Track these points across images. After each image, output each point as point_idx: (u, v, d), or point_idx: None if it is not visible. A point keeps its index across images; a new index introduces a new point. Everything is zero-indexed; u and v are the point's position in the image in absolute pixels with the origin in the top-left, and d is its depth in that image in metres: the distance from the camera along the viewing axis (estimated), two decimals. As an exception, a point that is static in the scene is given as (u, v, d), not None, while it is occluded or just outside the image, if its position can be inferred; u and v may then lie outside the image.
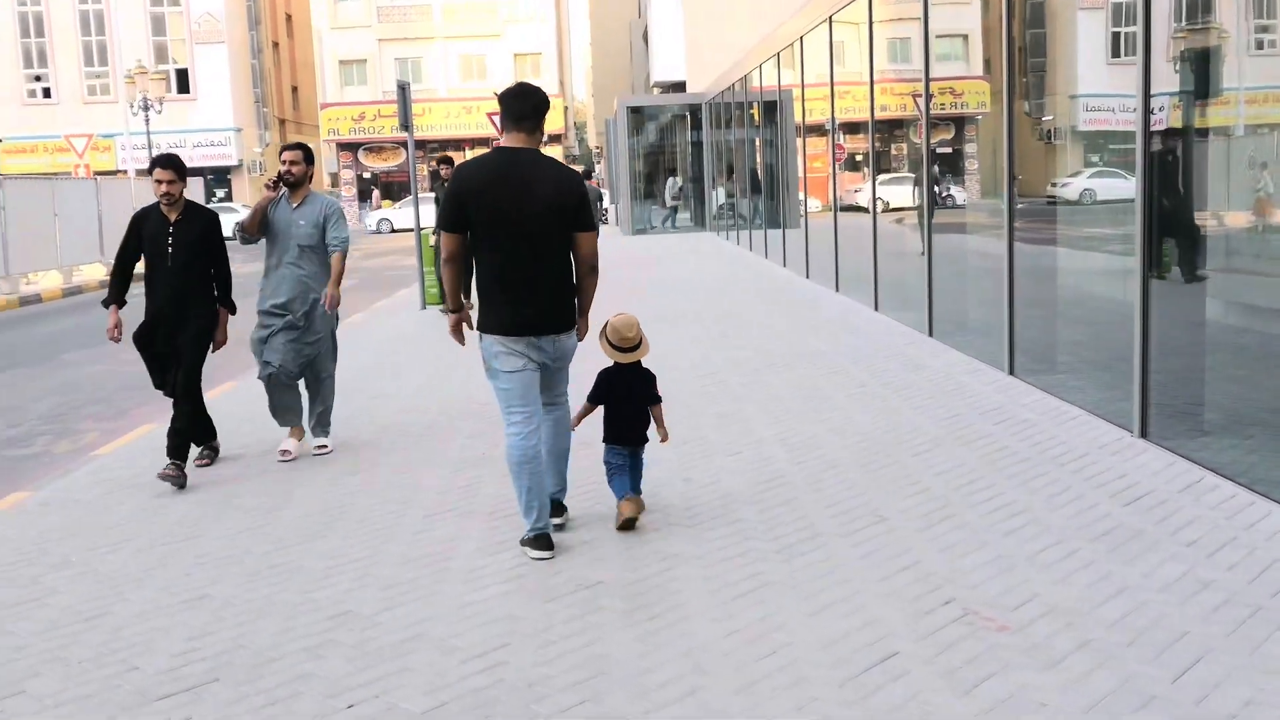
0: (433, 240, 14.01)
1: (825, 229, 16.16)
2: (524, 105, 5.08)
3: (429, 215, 16.02)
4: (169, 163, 6.89)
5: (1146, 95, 6.37)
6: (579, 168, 30.56)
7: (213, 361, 7.67)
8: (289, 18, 62.42)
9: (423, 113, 51.27)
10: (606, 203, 42.81)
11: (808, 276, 17.13)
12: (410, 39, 53.66)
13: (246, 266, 12.50)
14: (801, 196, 19.37)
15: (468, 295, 7.84)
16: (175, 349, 6.87)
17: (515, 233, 5.00)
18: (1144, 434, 6.57)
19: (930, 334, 10.73)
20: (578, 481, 6.09)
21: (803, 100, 17.59)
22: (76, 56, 51.35)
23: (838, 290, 14.97)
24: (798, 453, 6.71)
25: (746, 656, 3.93)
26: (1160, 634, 3.95)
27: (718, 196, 31.05)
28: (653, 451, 6.75)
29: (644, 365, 5.62)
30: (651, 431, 5.61)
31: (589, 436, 6.15)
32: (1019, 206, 8.68)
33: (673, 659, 3.94)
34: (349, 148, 54.41)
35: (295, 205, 7.28)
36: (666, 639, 4.11)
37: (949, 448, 6.66)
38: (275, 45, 59.65)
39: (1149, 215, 6.50)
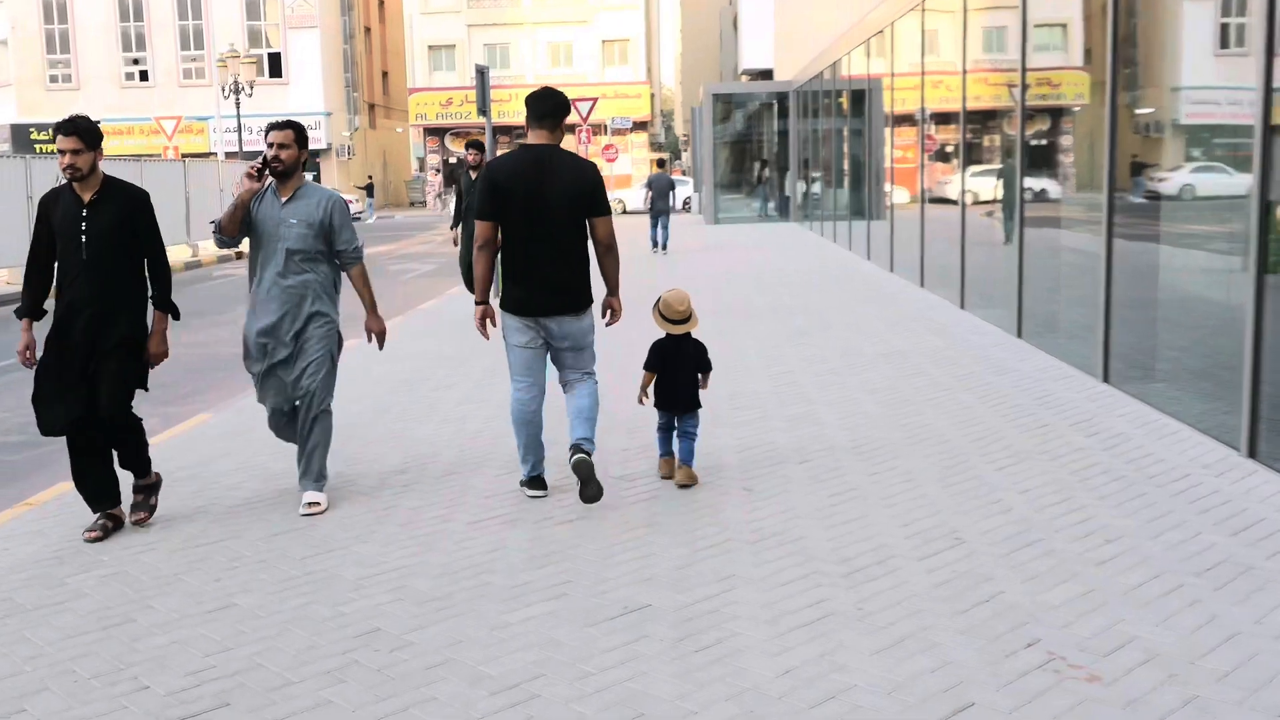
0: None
1: (911, 222, 15.59)
2: (545, 105, 5.68)
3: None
4: (72, 127, 5.26)
5: (1268, 87, 5.80)
6: (663, 155, 30.15)
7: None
8: (381, 3, 62.84)
9: (509, 99, 51.25)
10: (690, 190, 42.39)
11: (891, 270, 16.58)
12: (499, 24, 53.66)
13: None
14: (888, 188, 18.78)
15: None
16: (93, 369, 5.34)
17: (537, 221, 5.57)
18: (1252, 453, 6.02)
19: (1019, 335, 10.19)
20: (641, 483, 5.72)
21: (892, 89, 17.01)
22: (173, 40, 52.18)
23: (922, 285, 14.42)
24: (871, 462, 6.27)
25: (802, 700, 3.53)
26: (1276, 692, 3.47)
27: (803, 186, 30.46)
28: (719, 456, 6.38)
29: (694, 336, 6.08)
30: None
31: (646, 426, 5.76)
32: (1100, 200, 8.13)
33: (720, 700, 3.55)
34: (436, 133, 54.64)
35: (285, 200, 5.74)
36: (716, 674, 3.73)
37: (1036, 462, 6.17)
38: (367, 30, 60.11)
39: (1264, 213, 5.94)
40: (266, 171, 5.67)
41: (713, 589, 4.49)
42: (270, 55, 52.16)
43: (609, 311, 5.91)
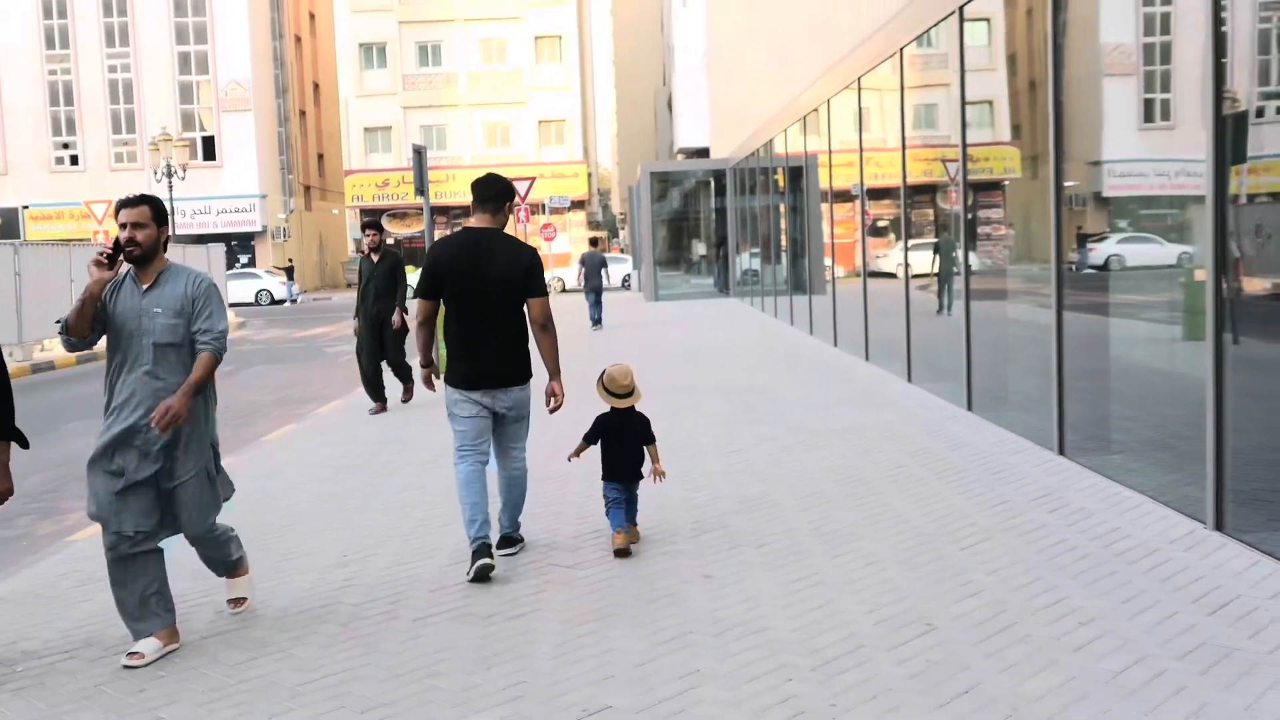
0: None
1: (853, 296, 15.58)
2: (487, 191, 5.98)
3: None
4: None
5: (1220, 159, 5.78)
6: (601, 234, 30.15)
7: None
8: (316, 86, 62.91)
9: (446, 179, 51.33)
10: (629, 267, 42.48)
11: (835, 344, 16.54)
12: (435, 106, 53.90)
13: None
14: (828, 262, 18.84)
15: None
16: None
17: (475, 299, 5.85)
18: (1219, 526, 5.90)
19: (969, 408, 10.10)
20: (595, 569, 5.45)
21: (830, 165, 17.11)
22: (105, 124, 51.76)
23: (867, 359, 14.36)
24: (833, 544, 6.07)
25: (781, 812, 3.27)
26: (1280, 788, 3.27)
27: (741, 262, 30.58)
28: (675, 542, 6.16)
29: (638, 410, 6.35)
30: (647, 469, 6.23)
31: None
32: (1036, 271, 8.10)
33: (693, 814, 3.28)
34: (372, 214, 54.41)
35: (146, 287, 4.90)
36: (686, 785, 3.46)
37: (1000, 540, 6.00)
38: (302, 114, 60.07)
39: (1219, 282, 5.88)
40: (120, 256, 4.77)
41: (676, 687, 4.23)
42: (204, 138, 51.91)
43: (551, 398, 6.10)
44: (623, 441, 6.21)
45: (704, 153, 43.32)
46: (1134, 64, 8.98)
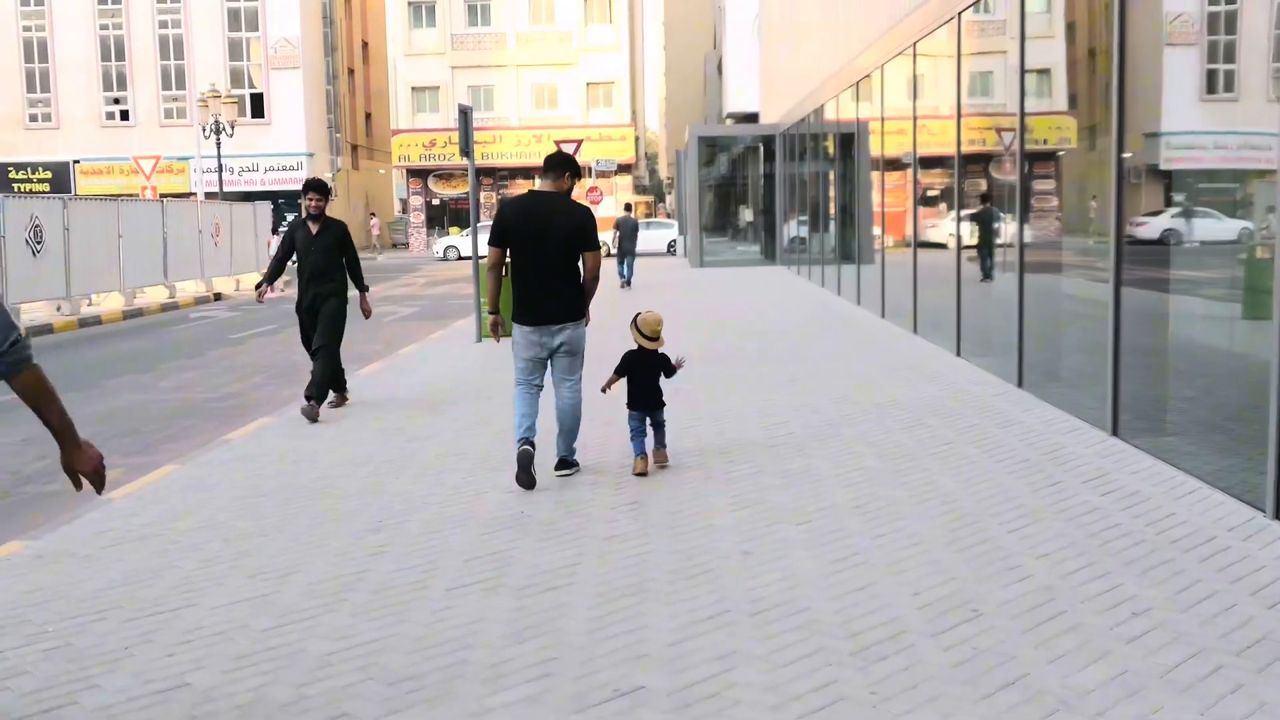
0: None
1: (902, 266, 15.34)
2: (551, 161, 7.16)
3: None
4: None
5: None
6: (647, 198, 29.95)
7: None
8: (365, 45, 62.87)
9: (493, 140, 51.26)
10: (674, 233, 42.23)
11: (883, 315, 16.31)
12: (483, 66, 53.67)
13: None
14: (877, 231, 18.57)
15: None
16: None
17: (534, 251, 6.93)
18: (1280, 514, 5.69)
19: (1019, 384, 9.88)
20: (633, 543, 5.35)
21: (881, 133, 16.82)
22: (155, 80, 51.98)
23: (915, 332, 14.14)
24: (877, 522, 5.92)
25: (817, 805, 3.16)
26: (1345, 798, 3.12)
27: (789, 229, 30.30)
28: (713, 515, 6.06)
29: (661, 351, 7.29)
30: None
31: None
32: (1090, 245, 7.87)
33: (725, 805, 3.17)
34: (419, 174, 54.49)
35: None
36: (718, 772, 3.35)
37: (1050, 523, 5.83)
38: (350, 72, 60.08)
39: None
40: None
41: (712, 668, 4.12)
42: (252, 95, 51.99)
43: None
44: (646, 375, 7.26)
45: (753, 118, 42.89)
46: (1197, 33, 8.69)
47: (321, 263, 9.88)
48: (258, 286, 10.52)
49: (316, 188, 9.85)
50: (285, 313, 23.22)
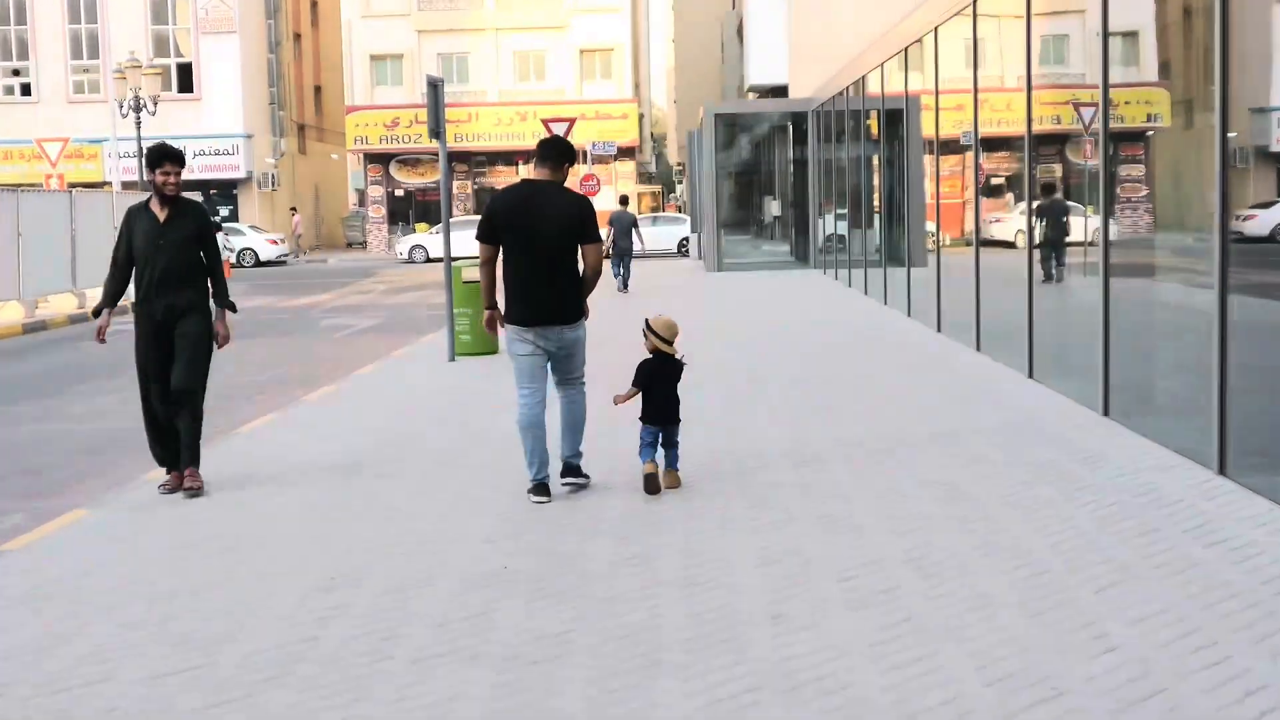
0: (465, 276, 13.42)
1: (960, 269, 15.36)
2: (547, 148, 7.89)
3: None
4: None
5: None
6: (655, 188, 30.06)
7: None
8: (314, 5, 63.25)
9: (468, 118, 51.50)
10: (687, 230, 42.39)
11: (938, 329, 16.33)
12: (456, 30, 53.97)
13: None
14: (931, 227, 18.61)
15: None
16: None
17: (528, 246, 7.65)
18: None
19: (1105, 412, 9.88)
20: (636, 603, 5.34)
21: (935, 108, 16.87)
22: (62, 48, 52.26)
23: (978, 348, 14.15)
24: (933, 580, 5.91)
25: None
26: None
27: (824, 225, 30.38)
28: (736, 572, 6.05)
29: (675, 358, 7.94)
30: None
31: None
32: (1189, 243, 7.89)
33: None
34: (379, 160, 54.71)
35: None
36: None
37: (1145, 582, 5.81)
38: (297, 37, 60.42)
39: None
40: None
41: (736, 757, 4.10)
42: (179, 66, 52.32)
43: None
44: (664, 385, 7.88)
45: (781, 91, 43.07)
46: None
47: (175, 262, 8.33)
48: (95, 314, 8.68)
49: (172, 157, 8.29)
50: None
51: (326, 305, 28.29)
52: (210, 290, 8.55)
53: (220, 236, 33.75)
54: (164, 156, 8.28)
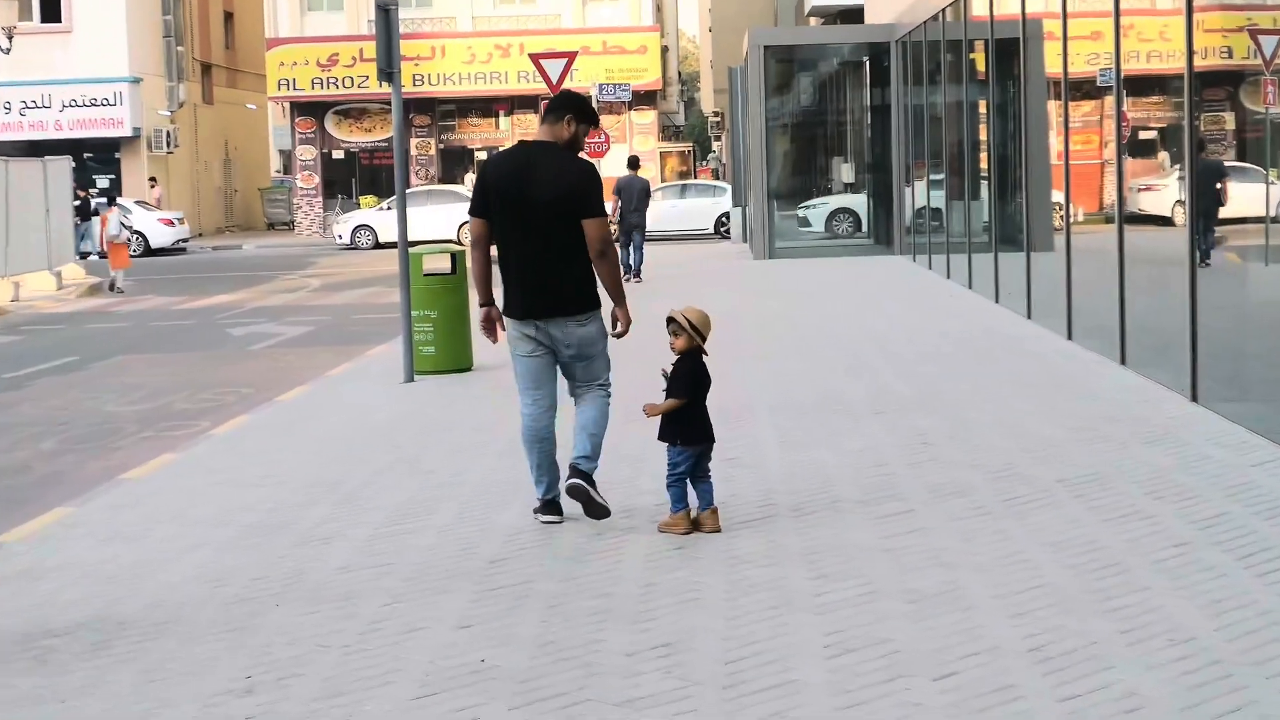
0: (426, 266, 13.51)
1: (1099, 255, 15.37)
2: (553, 102, 8.61)
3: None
4: None
5: None
6: (686, 145, 30.10)
7: None
8: (223, -95, 63.51)
9: (432, 54, 51.67)
10: (728, 203, 42.42)
11: (1069, 335, 16.34)
12: (414, -63, 54.11)
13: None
14: (1058, 198, 18.60)
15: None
16: None
17: (520, 220, 8.26)
18: None
19: (1296, 447, 9.89)
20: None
21: (1064, 39, 16.90)
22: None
23: (1123, 362, 14.15)
24: (1064, 676, 5.91)
25: None
26: None
27: (914, 196, 30.40)
28: (797, 669, 6.06)
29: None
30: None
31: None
32: None
33: None
34: (311, 110, 54.84)
35: None
36: None
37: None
38: (200, -51, 60.66)
39: None
40: None
41: None
42: (44, -12, 52.52)
43: (615, 323, 8.61)
44: (703, 395, 8.32)
45: (854, 15, 43.17)
46: None
47: None
48: None
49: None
50: (90, 337, 23.40)
51: (241, 308, 28.40)
52: None
53: (115, 213, 34.10)
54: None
